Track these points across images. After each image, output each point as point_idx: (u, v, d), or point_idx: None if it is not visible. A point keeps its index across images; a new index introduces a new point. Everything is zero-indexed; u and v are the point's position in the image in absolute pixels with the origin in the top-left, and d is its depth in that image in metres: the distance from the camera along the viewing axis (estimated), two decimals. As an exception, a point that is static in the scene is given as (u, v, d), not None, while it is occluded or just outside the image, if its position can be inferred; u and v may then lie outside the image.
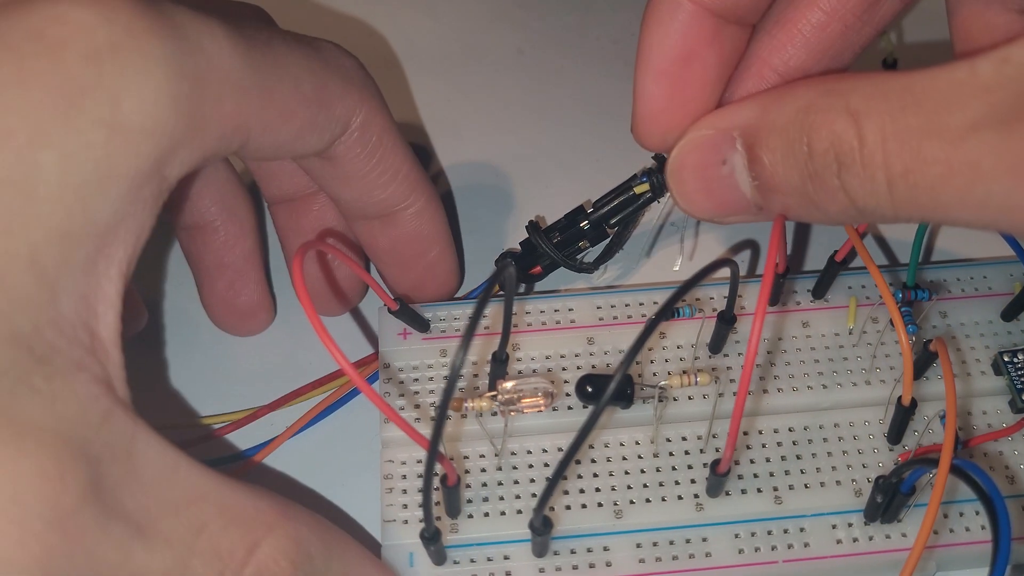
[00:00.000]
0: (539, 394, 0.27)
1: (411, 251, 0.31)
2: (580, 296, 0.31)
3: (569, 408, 0.29)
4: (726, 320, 0.29)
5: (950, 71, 0.20)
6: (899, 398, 0.27)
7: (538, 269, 0.32)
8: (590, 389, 0.27)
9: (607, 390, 0.20)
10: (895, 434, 0.28)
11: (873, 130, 0.21)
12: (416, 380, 0.30)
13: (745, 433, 0.29)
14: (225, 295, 0.31)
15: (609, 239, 0.32)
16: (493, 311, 0.31)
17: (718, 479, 0.27)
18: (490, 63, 0.38)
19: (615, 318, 0.31)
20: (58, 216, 0.19)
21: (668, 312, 0.21)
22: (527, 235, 0.32)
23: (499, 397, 0.27)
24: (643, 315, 0.31)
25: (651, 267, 0.34)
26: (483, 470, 0.28)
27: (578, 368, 0.30)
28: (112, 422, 0.20)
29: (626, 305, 0.31)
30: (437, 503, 0.27)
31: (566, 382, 0.30)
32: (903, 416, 0.27)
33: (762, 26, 0.26)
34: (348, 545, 0.25)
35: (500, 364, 0.28)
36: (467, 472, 0.28)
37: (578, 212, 0.32)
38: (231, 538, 0.22)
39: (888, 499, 0.26)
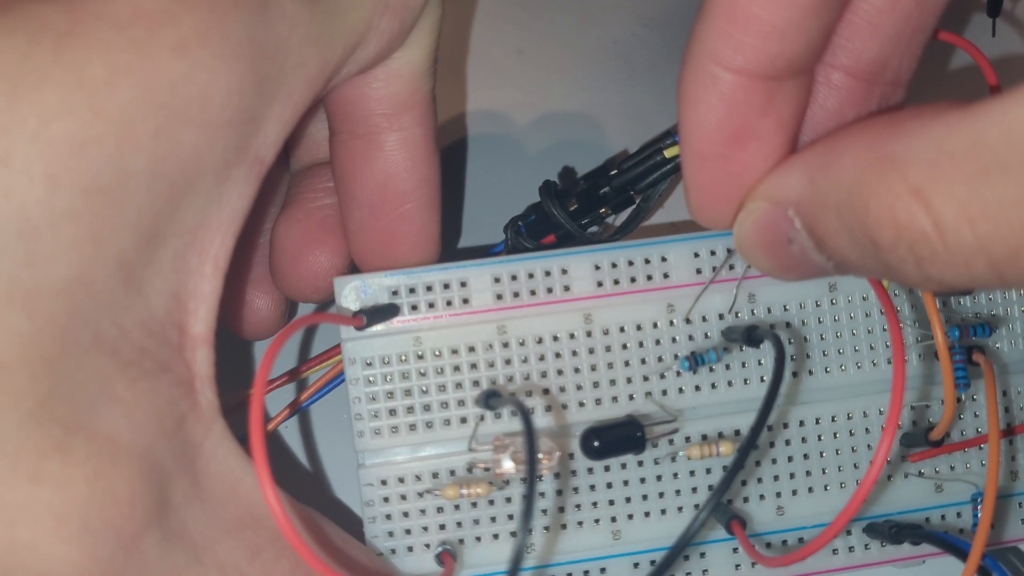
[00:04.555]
0: (539, 457, 0.24)
1: (389, 189, 0.25)
2: (576, 254, 0.26)
3: (564, 407, 0.26)
4: (751, 340, 0.25)
5: None
6: (927, 430, 0.25)
7: (552, 238, 0.27)
8: (597, 444, 0.24)
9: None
10: (910, 440, 0.26)
11: (952, 209, 0.16)
12: (388, 378, 0.26)
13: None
14: (299, 243, 0.27)
15: (635, 206, 0.26)
16: (474, 277, 0.26)
17: (729, 511, 0.25)
18: (490, 63, 0.35)
19: (616, 283, 0.26)
20: (146, 219, 0.19)
21: (739, 468, 0.19)
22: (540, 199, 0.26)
23: (496, 473, 0.23)
24: (649, 277, 0.26)
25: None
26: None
27: (574, 353, 0.26)
28: (185, 429, 0.20)
29: (630, 263, 0.26)
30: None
31: (560, 373, 0.26)
32: (926, 440, 0.25)
33: None
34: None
35: (491, 410, 0.24)
36: (462, 496, 0.25)
37: (600, 174, 0.26)
38: (283, 568, 0.22)
39: (899, 541, 0.25)
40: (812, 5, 0.19)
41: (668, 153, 0.26)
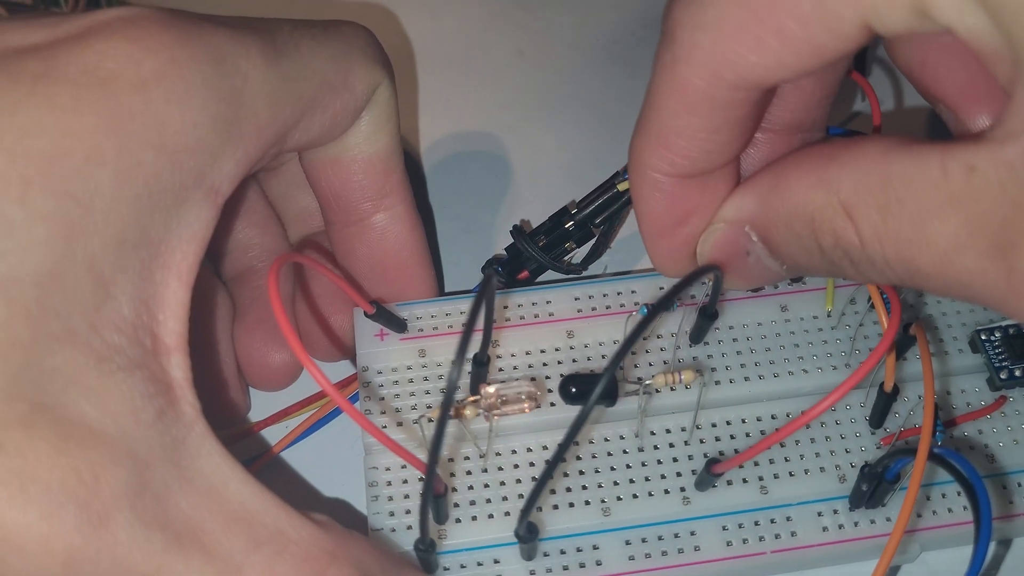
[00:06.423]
0: (523, 398, 0.27)
1: (387, 261, 0.30)
2: (557, 288, 0.31)
3: (552, 404, 0.29)
4: (707, 315, 0.29)
5: (924, 167, 0.20)
6: (881, 384, 0.27)
7: (525, 273, 0.32)
8: (574, 390, 0.27)
9: (592, 394, 0.21)
10: (877, 418, 0.28)
11: (869, 232, 0.21)
12: (396, 383, 0.29)
13: (728, 423, 0.29)
14: (263, 349, 0.30)
15: (595, 238, 0.32)
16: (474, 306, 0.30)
17: (709, 476, 0.27)
18: (490, 63, 0.37)
19: (593, 309, 0.31)
20: (113, 226, 0.20)
21: (651, 321, 0.21)
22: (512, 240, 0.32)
23: (482, 402, 0.26)
24: (621, 305, 0.31)
25: (625, 254, 0.33)
26: (468, 472, 0.28)
27: (559, 363, 0.30)
28: (165, 422, 0.21)
29: (604, 295, 0.31)
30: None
31: (548, 378, 0.29)
32: (885, 401, 0.28)
33: None
34: (403, 567, 0.25)
35: (481, 366, 0.27)
36: (452, 476, 0.28)
37: (563, 213, 0.32)
38: (287, 564, 0.22)
39: (873, 487, 0.26)
40: (732, 134, 0.23)
41: (621, 187, 0.31)
